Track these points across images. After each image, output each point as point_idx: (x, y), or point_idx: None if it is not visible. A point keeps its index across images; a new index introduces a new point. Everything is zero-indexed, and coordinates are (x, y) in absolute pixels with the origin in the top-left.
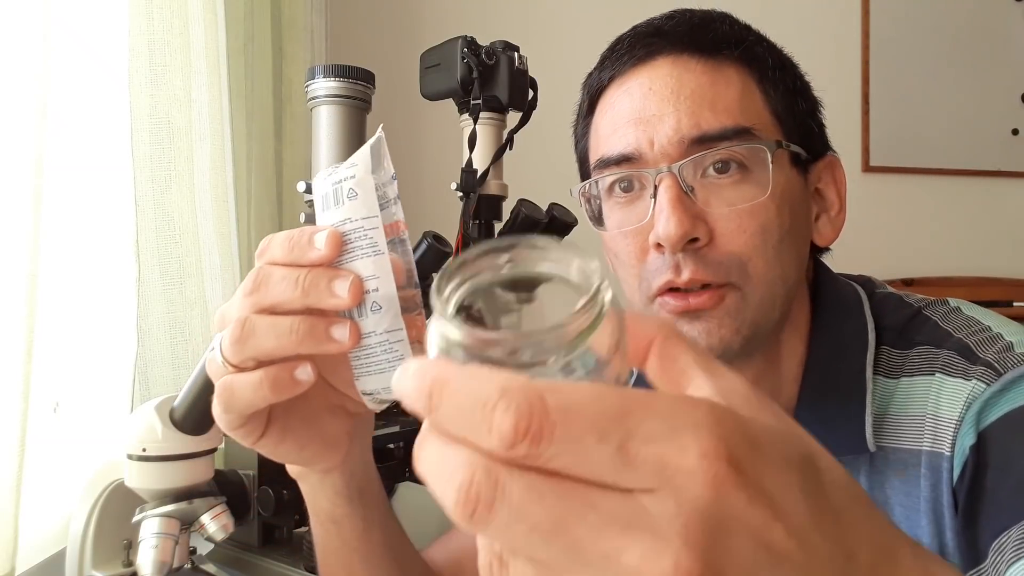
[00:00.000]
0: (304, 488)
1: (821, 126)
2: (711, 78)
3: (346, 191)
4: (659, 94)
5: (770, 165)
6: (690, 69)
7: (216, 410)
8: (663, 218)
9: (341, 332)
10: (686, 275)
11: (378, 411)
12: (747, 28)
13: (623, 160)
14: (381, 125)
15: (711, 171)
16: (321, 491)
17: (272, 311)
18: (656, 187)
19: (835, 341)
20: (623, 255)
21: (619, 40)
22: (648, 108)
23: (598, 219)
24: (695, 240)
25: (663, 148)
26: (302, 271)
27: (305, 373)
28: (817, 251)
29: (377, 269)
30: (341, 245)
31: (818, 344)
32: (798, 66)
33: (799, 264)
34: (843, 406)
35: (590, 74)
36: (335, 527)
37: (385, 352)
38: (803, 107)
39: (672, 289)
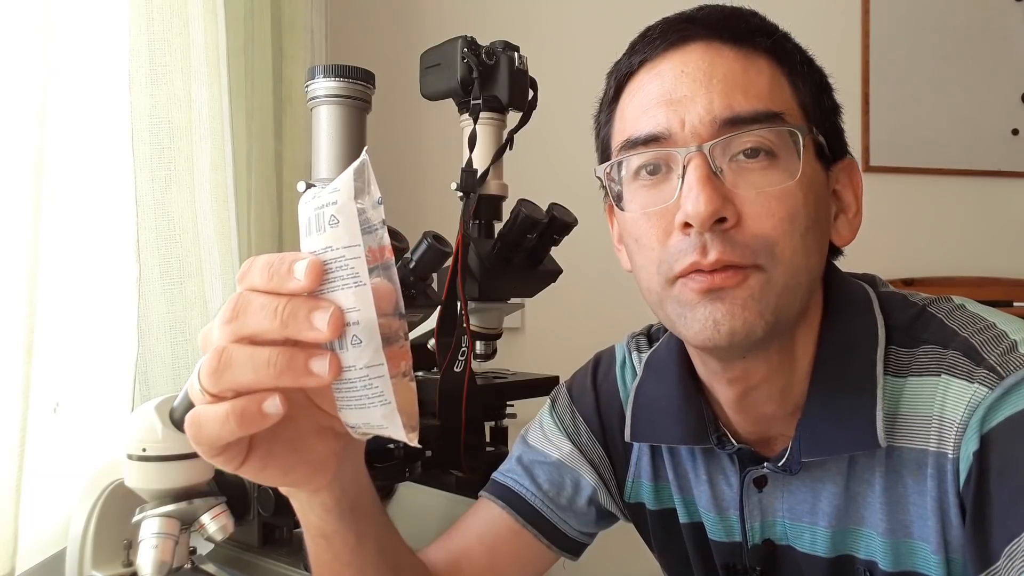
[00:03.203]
0: (294, 504)
1: (840, 129)
2: (743, 65)
3: (328, 217)
4: (691, 76)
5: (800, 150)
6: (722, 55)
7: (190, 440)
8: (692, 196)
9: (320, 366)
10: (713, 255)
11: (363, 440)
12: (776, 26)
13: (651, 140)
14: (366, 148)
15: (741, 155)
16: (310, 508)
17: (251, 340)
18: (685, 167)
19: (846, 337)
20: (644, 238)
21: (650, 28)
22: (680, 89)
23: (619, 202)
24: (723, 220)
25: (694, 128)
26: (281, 300)
27: (273, 406)
28: (832, 252)
29: (358, 301)
30: (322, 275)
31: (829, 340)
32: (823, 68)
33: (820, 258)
34: (854, 402)
35: (618, 62)
36: (326, 542)
37: (365, 388)
38: (828, 104)
39: (697, 271)
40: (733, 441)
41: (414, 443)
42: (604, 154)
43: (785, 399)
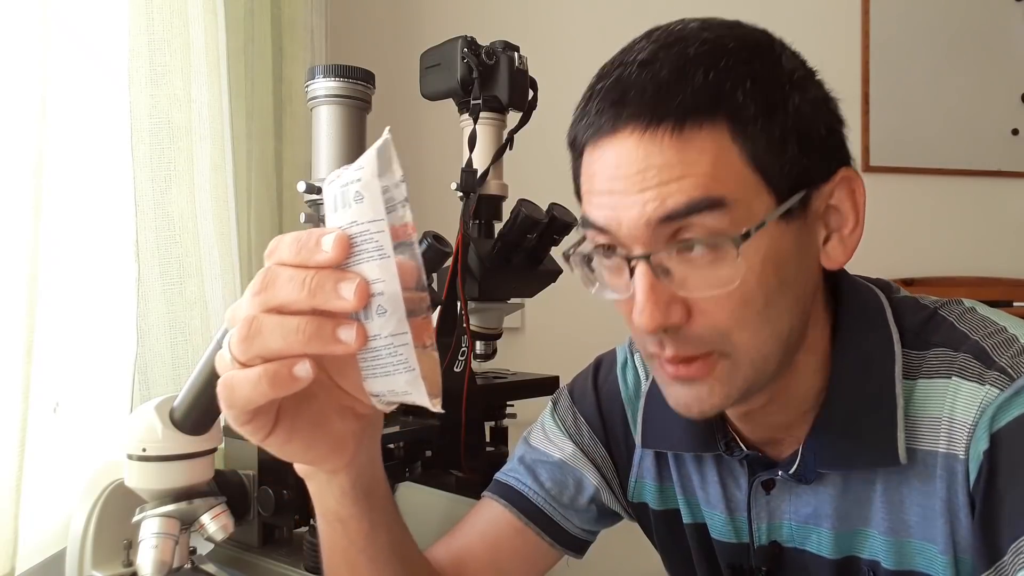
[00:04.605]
0: (311, 487)
1: (834, 145)
2: (679, 147)
3: (352, 194)
4: (625, 172)
5: (738, 256)
6: (656, 141)
7: (221, 406)
8: (638, 308)
9: (348, 334)
10: (669, 352)
11: (387, 412)
12: (730, 68)
13: (602, 230)
14: (388, 127)
15: (684, 249)
16: (328, 491)
17: (280, 311)
18: (632, 269)
19: (861, 352)
20: (622, 312)
21: (590, 97)
22: (616, 186)
23: (588, 270)
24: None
25: (631, 231)
26: (309, 272)
27: (304, 370)
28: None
29: (383, 272)
30: (348, 248)
31: (843, 355)
32: (805, 81)
33: (799, 308)
34: (873, 421)
35: (572, 122)
36: (341, 527)
37: (390, 355)
38: (794, 150)
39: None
40: (742, 446)
41: (437, 408)
42: (577, 192)
43: (795, 408)
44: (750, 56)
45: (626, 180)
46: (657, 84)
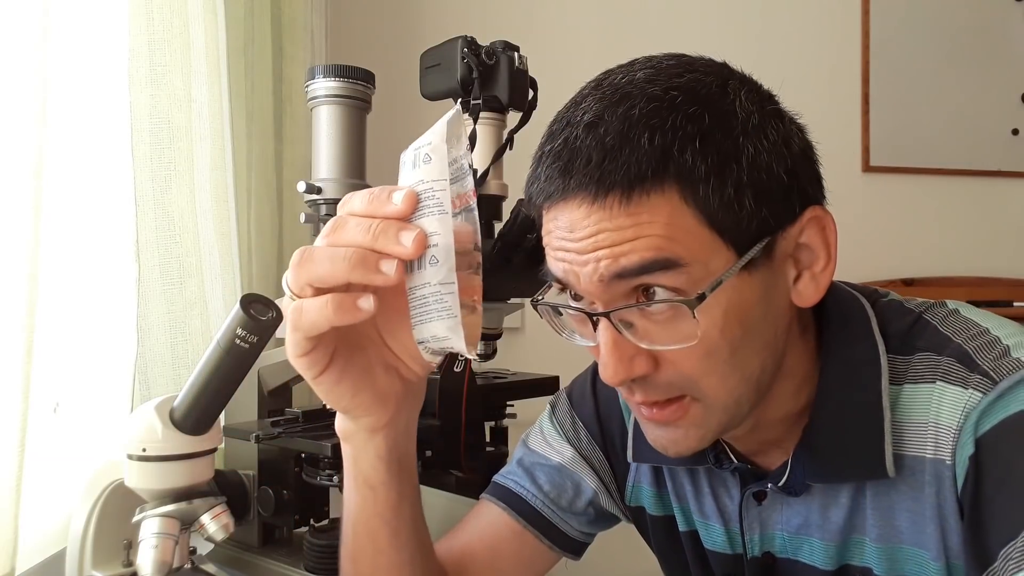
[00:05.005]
0: (347, 450)
1: (798, 187)
2: (630, 212)
3: (423, 156)
4: (578, 235)
5: (694, 316)
6: (606, 208)
7: (286, 332)
8: (602, 363)
9: (389, 266)
10: (638, 397)
11: (433, 363)
12: (677, 127)
13: (563, 283)
14: (459, 100)
15: (644, 304)
16: (364, 453)
17: None
18: (595, 323)
19: (847, 368)
20: (594, 356)
21: (540, 159)
22: (570, 246)
23: (557, 318)
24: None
25: (588, 288)
26: (375, 220)
27: (367, 303)
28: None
29: (440, 227)
30: (415, 203)
31: (829, 373)
32: (762, 125)
33: (769, 349)
34: (860, 434)
35: (526, 181)
36: (372, 494)
37: (436, 302)
38: (751, 204)
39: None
40: (732, 458)
41: (472, 355)
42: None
43: (779, 426)
44: (700, 110)
45: (579, 242)
46: (603, 151)
